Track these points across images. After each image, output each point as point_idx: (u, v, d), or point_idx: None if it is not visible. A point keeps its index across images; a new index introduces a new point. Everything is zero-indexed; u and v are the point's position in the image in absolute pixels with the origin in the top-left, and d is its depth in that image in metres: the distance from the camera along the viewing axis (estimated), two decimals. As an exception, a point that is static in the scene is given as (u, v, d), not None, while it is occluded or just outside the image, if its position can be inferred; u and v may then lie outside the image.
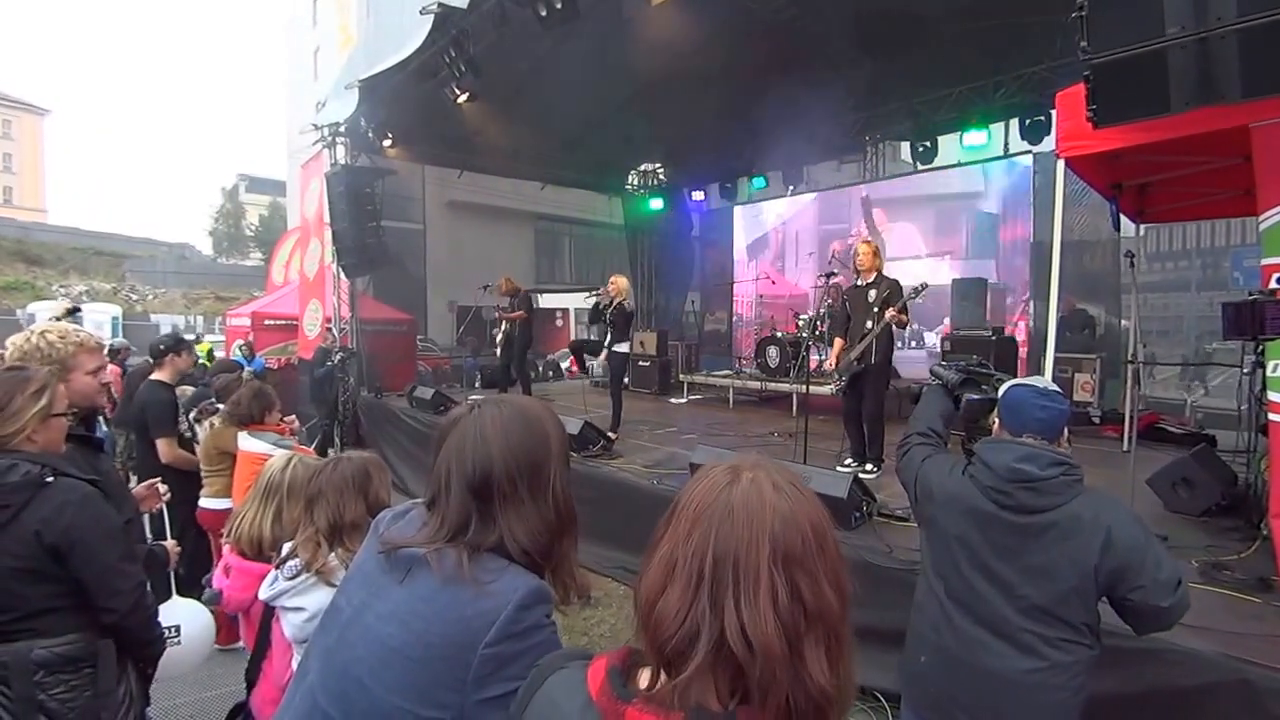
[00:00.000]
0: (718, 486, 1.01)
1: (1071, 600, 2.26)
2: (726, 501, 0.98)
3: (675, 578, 0.96)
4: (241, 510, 3.02)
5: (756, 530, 0.95)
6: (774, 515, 0.96)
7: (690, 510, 1.01)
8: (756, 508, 0.96)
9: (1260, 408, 4.39)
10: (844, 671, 0.94)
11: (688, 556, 0.96)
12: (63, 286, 38.59)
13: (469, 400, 1.56)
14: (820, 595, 0.94)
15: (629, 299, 8.84)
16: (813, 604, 0.93)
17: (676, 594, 0.95)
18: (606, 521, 6.16)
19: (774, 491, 0.98)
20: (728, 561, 0.93)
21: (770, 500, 0.97)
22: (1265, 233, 3.93)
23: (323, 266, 13.46)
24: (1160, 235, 22.01)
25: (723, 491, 0.99)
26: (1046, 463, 2.32)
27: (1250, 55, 3.23)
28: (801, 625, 0.92)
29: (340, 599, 1.49)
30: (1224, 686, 3.00)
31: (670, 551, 0.99)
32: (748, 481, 1.00)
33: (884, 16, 9.18)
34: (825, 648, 0.93)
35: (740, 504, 0.97)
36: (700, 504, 1.00)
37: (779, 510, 0.97)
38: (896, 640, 2.86)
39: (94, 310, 29.63)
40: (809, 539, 0.96)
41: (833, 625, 0.94)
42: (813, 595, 0.93)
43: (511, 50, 9.28)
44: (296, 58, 34.62)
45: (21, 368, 2.25)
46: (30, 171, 60.92)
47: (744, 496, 0.98)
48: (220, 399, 5.23)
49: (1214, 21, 3.28)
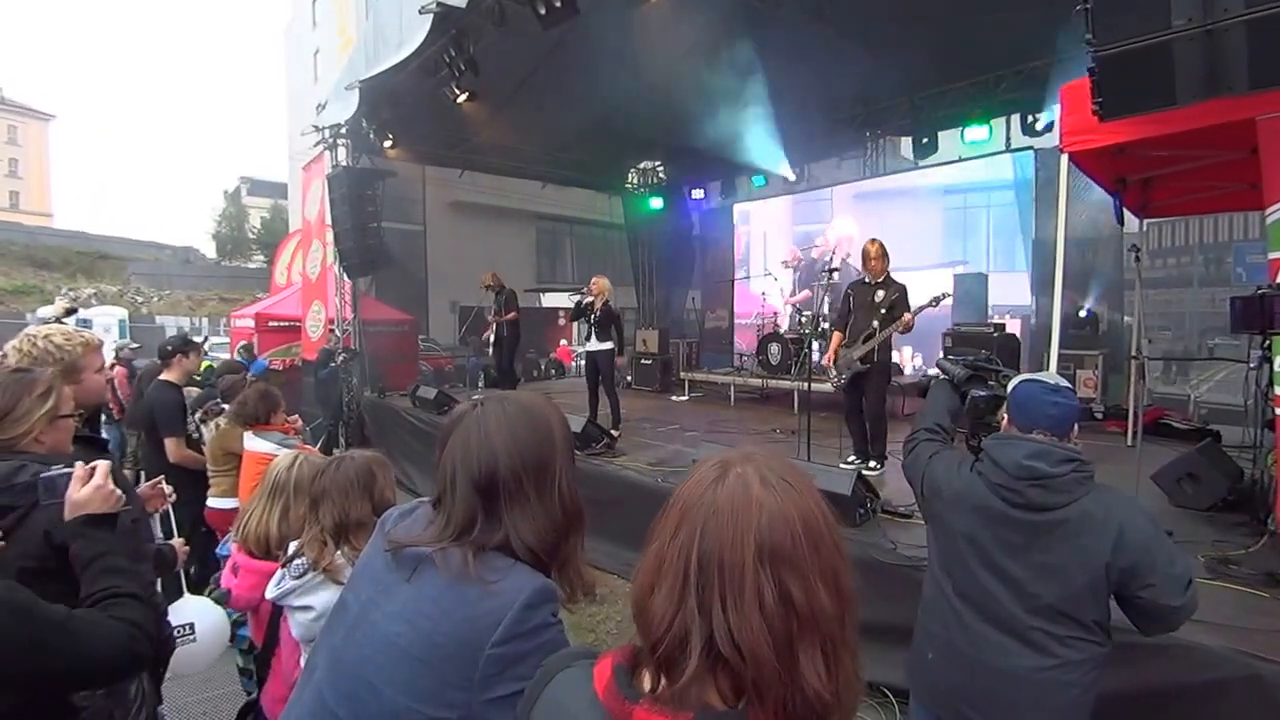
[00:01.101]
0: (705, 482, 0.98)
1: (1082, 598, 2.24)
2: (712, 498, 0.95)
3: (663, 577, 0.94)
4: (248, 509, 3.02)
5: (742, 528, 0.91)
6: (760, 511, 0.92)
7: (677, 507, 0.98)
8: (742, 504, 0.93)
9: (1266, 403, 4.37)
10: (845, 676, 0.91)
11: (674, 555, 0.94)
12: (70, 289, 38.90)
13: (472, 398, 1.55)
14: (813, 596, 0.89)
15: (612, 299, 9.04)
16: (804, 606, 0.89)
17: (664, 594, 0.93)
18: (612, 519, 6.14)
19: (762, 487, 0.95)
20: (713, 561, 0.91)
21: (758, 496, 0.94)
22: (1272, 226, 3.91)
23: (325, 268, 13.54)
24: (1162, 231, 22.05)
25: (709, 488, 0.96)
26: (1058, 459, 2.29)
27: (1258, 47, 3.22)
28: (794, 628, 0.88)
29: (348, 596, 1.49)
30: (1234, 682, 2.98)
31: (659, 549, 0.97)
32: (735, 477, 0.96)
33: (884, 11, 9.16)
34: (821, 652, 0.89)
35: (726, 500, 0.94)
36: (687, 501, 0.98)
37: (766, 506, 0.93)
38: (902, 636, 2.84)
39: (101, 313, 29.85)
40: (799, 536, 0.91)
41: (829, 628, 0.90)
42: (804, 597, 0.89)
43: (511, 49, 9.28)
44: (296, 60, 34.70)
45: (27, 370, 2.23)
46: (36, 176, 61.10)
47: (730, 492, 0.95)
48: (225, 399, 5.24)
49: (1221, 13, 3.27)
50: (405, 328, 15.21)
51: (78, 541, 1.80)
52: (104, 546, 1.80)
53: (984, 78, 10.89)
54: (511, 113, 11.93)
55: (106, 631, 1.64)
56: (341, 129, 12.46)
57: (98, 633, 1.63)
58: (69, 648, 1.55)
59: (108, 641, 1.64)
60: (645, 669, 0.98)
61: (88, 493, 1.81)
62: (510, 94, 11.38)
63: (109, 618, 1.67)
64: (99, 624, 1.65)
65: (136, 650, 1.70)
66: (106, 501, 1.84)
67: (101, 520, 1.83)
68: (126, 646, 1.67)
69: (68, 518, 1.80)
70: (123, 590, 1.75)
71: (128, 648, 1.68)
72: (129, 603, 1.73)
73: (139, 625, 1.70)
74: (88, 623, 1.62)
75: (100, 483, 1.83)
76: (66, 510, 1.81)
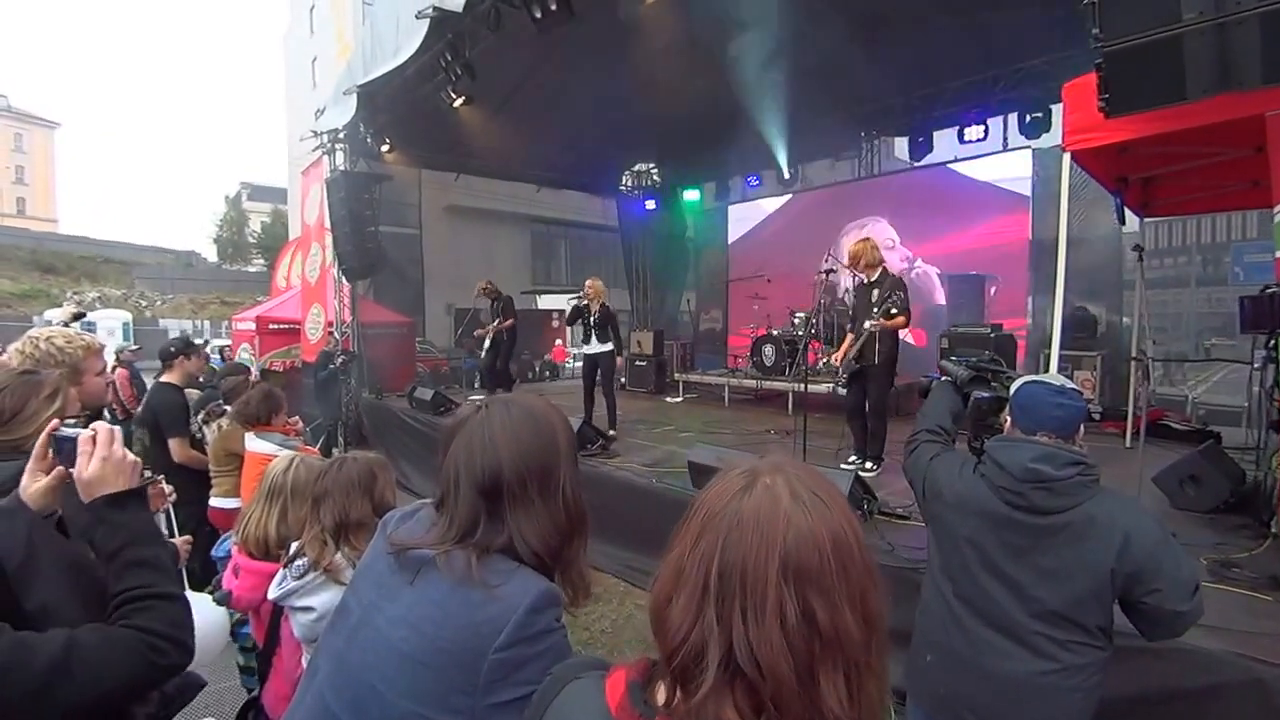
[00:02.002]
0: (730, 492, 0.94)
1: (1086, 603, 2.22)
2: (737, 509, 0.91)
3: (681, 586, 0.92)
4: (247, 512, 3.04)
5: (767, 542, 0.88)
6: (788, 527, 0.88)
7: (700, 515, 0.95)
8: (769, 517, 0.89)
9: (1271, 403, 4.35)
10: (868, 703, 0.88)
11: (694, 565, 0.91)
12: (75, 293, 39.57)
13: (475, 400, 1.55)
14: (839, 619, 0.86)
15: (608, 300, 9.14)
16: (828, 628, 0.85)
17: (682, 604, 0.90)
18: (607, 519, 6.15)
19: (791, 501, 0.91)
20: (734, 573, 0.87)
21: (786, 510, 0.90)
22: (1279, 225, 3.89)
23: (324, 271, 13.61)
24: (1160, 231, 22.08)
25: (735, 498, 0.93)
26: (1063, 462, 2.26)
27: (1271, 40, 3.18)
28: (816, 649, 0.85)
29: (350, 599, 1.49)
30: (1236, 686, 2.96)
31: (679, 557, 0.94)
32: (763, 488, 0.93)
33: (880, 11, 9.16)
34: (845, 675, 0.86)
35: (751, 512, 0.90)
36: (710, 509, 0.94)
37: (794, 522, 0.89)
38: (900, 638, 2.82)
39: (105, 316, 30.35)
40: (827, 556, 0.88)
41: (854, 653, 0.87)
42: (829, 618, 0.85)
43: (506, 53, 9.33)
44: (295, 67, 34.77)
45: (33, 372, 2.21)
46: (42, 182, 62.12)
47: (756, 504, 0.91)
48: (227, 401, 5.28)
49: (1234, 6, 3.23)
50: (403, 330, 15.37)
51: (98, 530, 1.57)
52: (126, 536, 1.57)
53: (981, 77, 10.90)
54: (507, 116, 11.97)
55: (121, 654, 1.44)
56: (339, 134, 12.54)
57: (110, 658, 1.42)
58: (74, 686, 1.34)
59: (123, 663, 1.43)
60: (660, 682, 0.95)
61: (97, 467, 1.57)
62: (506, 98, 11.44)
63: (127, 631, 1.47)
64: (112, 644, 1.44)
65: (159, 662, 1.49)
66: (122, 473, 1.61)
67: (124, 500, 1.59)
68: (144, 662, 1.47)
69: (84, 500, 1.58)
70: (150, 591, 1.54)
71: (146, 663, 1.47)
72: (155, 605, 1.53)
73: (162, 635, 1.51)
74: (93, 649, 1.40)
75: (106, 452, 1.59)
76: (80, 490, 1.58)
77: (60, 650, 1.34)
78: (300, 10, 33.73)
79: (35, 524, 1.60)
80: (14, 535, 1.54)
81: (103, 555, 1.57)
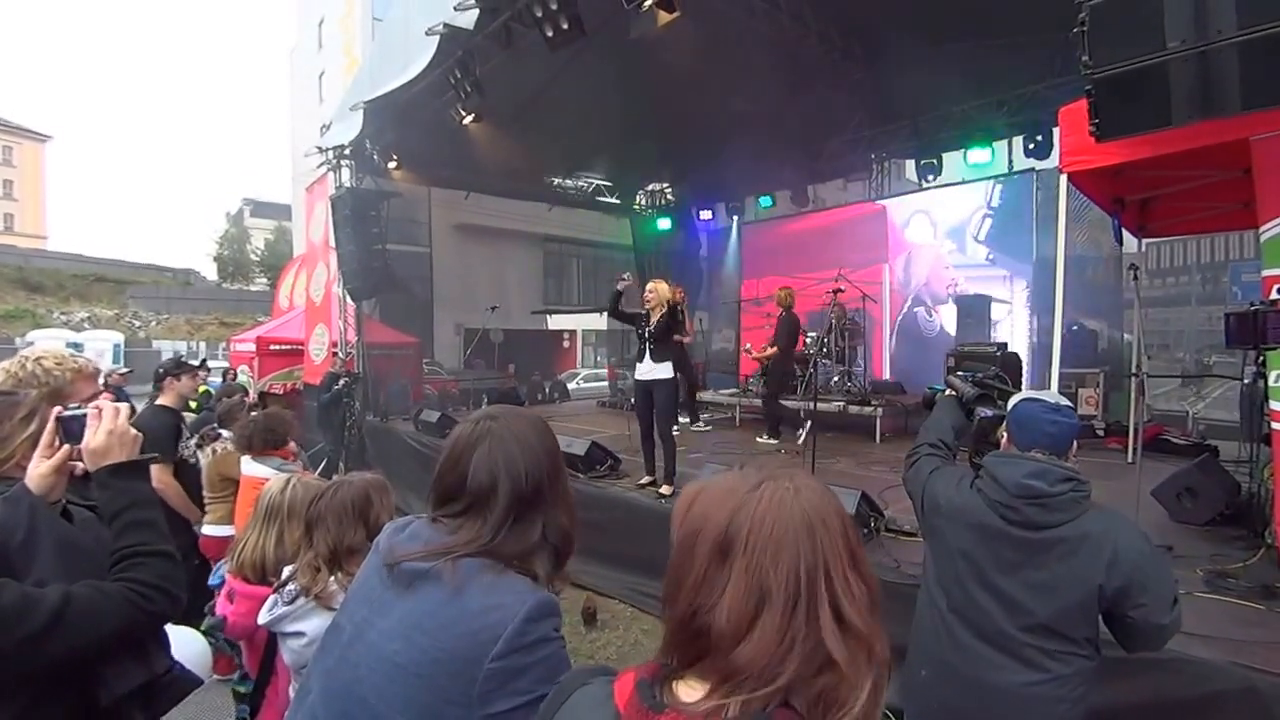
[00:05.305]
0: (753, 505, 0.96)
1: (1074, 616, 2.25)
2: (778, 516, 0.95)
3: (771, 603, 0.91)
4: (243, 536, 2.99)
5: (830, 531, 0.95)
6: (837, 510, 0.98)
7: (743, 533, 0.94)
8: (818, 511, 0.96)
9: (1262, 417, 4.42)
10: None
11: (780, 579, 0.91)
12: (64, 314, 38.29)
13: (476, 413, 1.60)
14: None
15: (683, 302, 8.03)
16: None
17: (775, 621, 0.90)
18: (614, 543, 6.10)
19: (795, 496, 0.97)
20: (819, 573, 0.92)
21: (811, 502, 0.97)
22: (1266, 244, 3.96)
23: (329, 290, 13.47)
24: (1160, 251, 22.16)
25: (768, 508, 0.96)
26: (1056, 478, 2.30)
27: (1250, 68, 3.24)
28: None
29: (341, 618, 1.49)
30: (1231, 695, 2.99)
31: (755, 581, 0.92)
32: (788, 490, 0.97)
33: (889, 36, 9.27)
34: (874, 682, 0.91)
35: (799, 513, 0.95)
36: (751, 527, 0.95)
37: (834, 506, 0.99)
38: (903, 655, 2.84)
39: (95, 337, 29.61)
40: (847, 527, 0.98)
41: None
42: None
43: (518, 71, 9.30)
44: (301, 82, 34.72)
45: (11, 393, 2.13)
46: (32, 198, 60.34)
47: (799, 506, 0.96)
48: (223, 424, 5.17)
49: (1214, 34, 3.29)
50: (410, 350, 15.10)
51: (104, 493, 1.75)
52: (126, 500, 1.75)
53: (986, 101, 11.00)
54: (518, 134, 11.84)
55: (114, 604, 1.60)
56: (345, 150, 12.44)
57: (103, 607, 1.59)
58: (73, 630, 1.52)
59: (116, 612, 1.60)
60: (678, 682, 0.97)
61: (103, 438, 1.75)
62: (517, 116, 11.35)
63: (117, 584, 1.64)
64: (105, 596, 1.60)
65: (148, 608, 1.65)
66: (125, 445, 1.78)
67: (127, 469, 1.77)
68: (134, 609, 1.63)
69: (91, 469, 1.75)
70: (144, 548, 1.71)
71: (136, 609, 1.63)
72: (148, 562, 1.69)
73: (151, 584, 1.67)
74: (87, 600, 1.56)
75: (112, 425, 1.76)
76: (86, 460, 1.75)
77: (59, 599, 1.51)
78: (308, 24, 33.72)
79: (37, 507, 1.74)
80: (17, 517, 1.69)
81: (105, 517, 1.75)
